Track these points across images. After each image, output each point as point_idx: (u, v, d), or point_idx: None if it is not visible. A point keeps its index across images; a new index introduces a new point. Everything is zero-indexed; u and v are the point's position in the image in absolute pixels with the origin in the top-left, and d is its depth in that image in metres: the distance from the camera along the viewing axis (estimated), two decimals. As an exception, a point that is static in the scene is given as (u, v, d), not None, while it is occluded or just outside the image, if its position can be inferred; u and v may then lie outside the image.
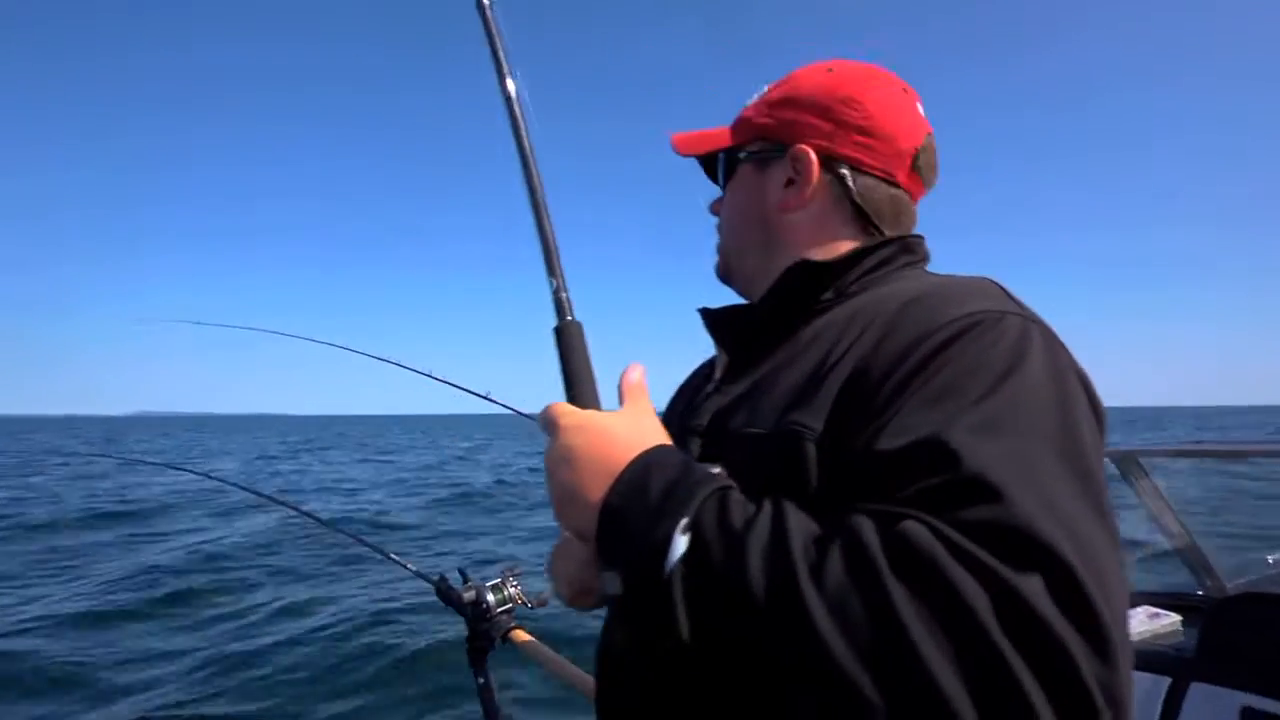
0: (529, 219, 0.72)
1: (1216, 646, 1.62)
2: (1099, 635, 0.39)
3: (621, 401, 0.63)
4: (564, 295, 0.68)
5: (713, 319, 0.79)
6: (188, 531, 9.86)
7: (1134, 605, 1.98)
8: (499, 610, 1.34)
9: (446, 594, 1.44)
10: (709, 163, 0.84)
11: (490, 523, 11.06)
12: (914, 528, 0.43)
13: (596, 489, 0.56)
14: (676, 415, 0.79)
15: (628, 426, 0.60)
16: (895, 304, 0.61)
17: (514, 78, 0.74)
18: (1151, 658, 1.72)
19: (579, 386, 0.66)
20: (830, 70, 0.75)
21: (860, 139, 0.72)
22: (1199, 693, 1.59)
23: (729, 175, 0.81)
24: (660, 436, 0.60)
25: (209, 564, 7.62)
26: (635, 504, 0.53)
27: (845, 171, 0.72)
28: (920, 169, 0.74)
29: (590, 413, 0.62)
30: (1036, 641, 0.39)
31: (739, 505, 0.50)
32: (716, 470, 0.56)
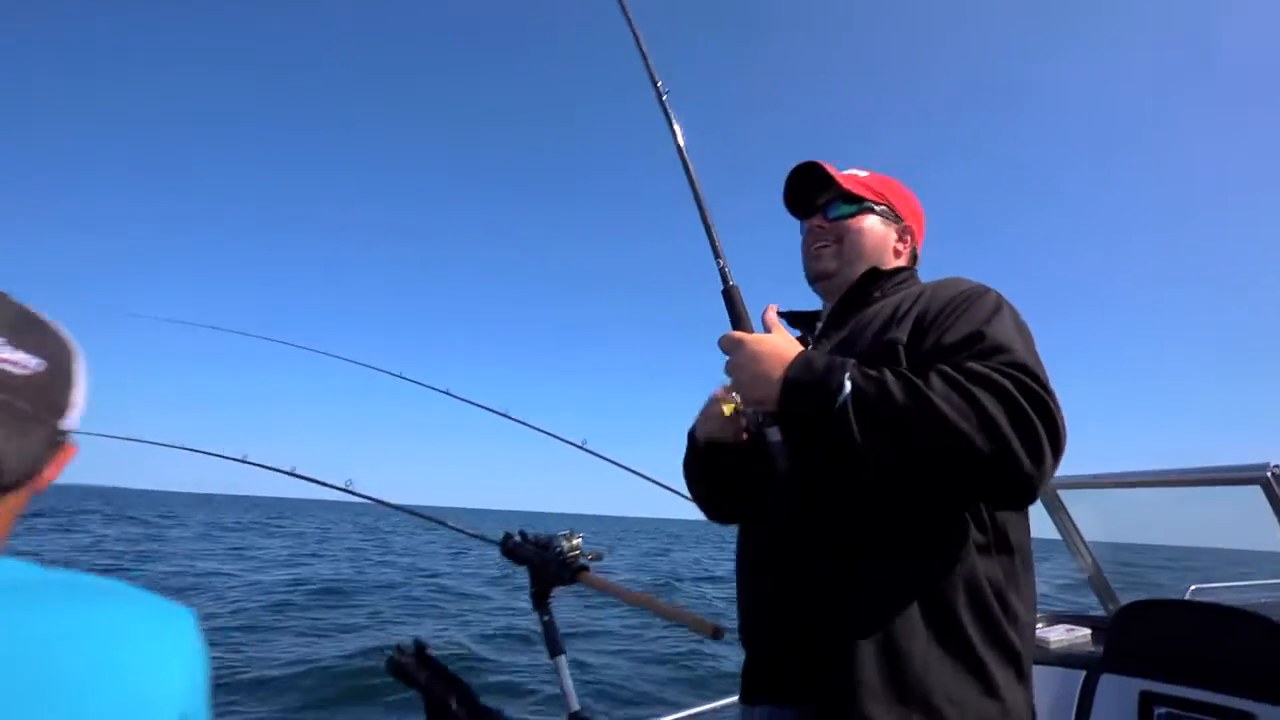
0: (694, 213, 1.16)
1: (1118, 646, 2.02)
2: (1052, 399, 0.86)
3: (767, 330, 1.04)
4: (726, 270, 1.10)
5: (794, 317, 1.31)
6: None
7: (1053, 624, 2.38)
8: (570, 554, 1.58)
9: (512, 549, 1.66)
10: (816, 192, 1.29)
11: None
12: (972, 364, 0.89)
13: (776, 371, 0.94)
14: None
15: (783, 339, 1.01)
16: (928, 287, 1.11)
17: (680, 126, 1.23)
18: (1070, 658, 2.10)
19: (743, 323, 1.08)
20: (901, 185, 1.32)
21: (915, 226, 1.31)
22: (1107, 682, 1.97)
23: (857, 213, 1.25)
24: (801, 346, 1.00)
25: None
26: (806, 374, 0.92)
27: (914, 246, 1.32)
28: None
29: (758, 333, 1.03)
30: (1028, 398, 0.84)
31: (869, 369, 0.91)
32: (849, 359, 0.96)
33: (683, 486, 1.38)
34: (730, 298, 1.08)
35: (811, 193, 1.29)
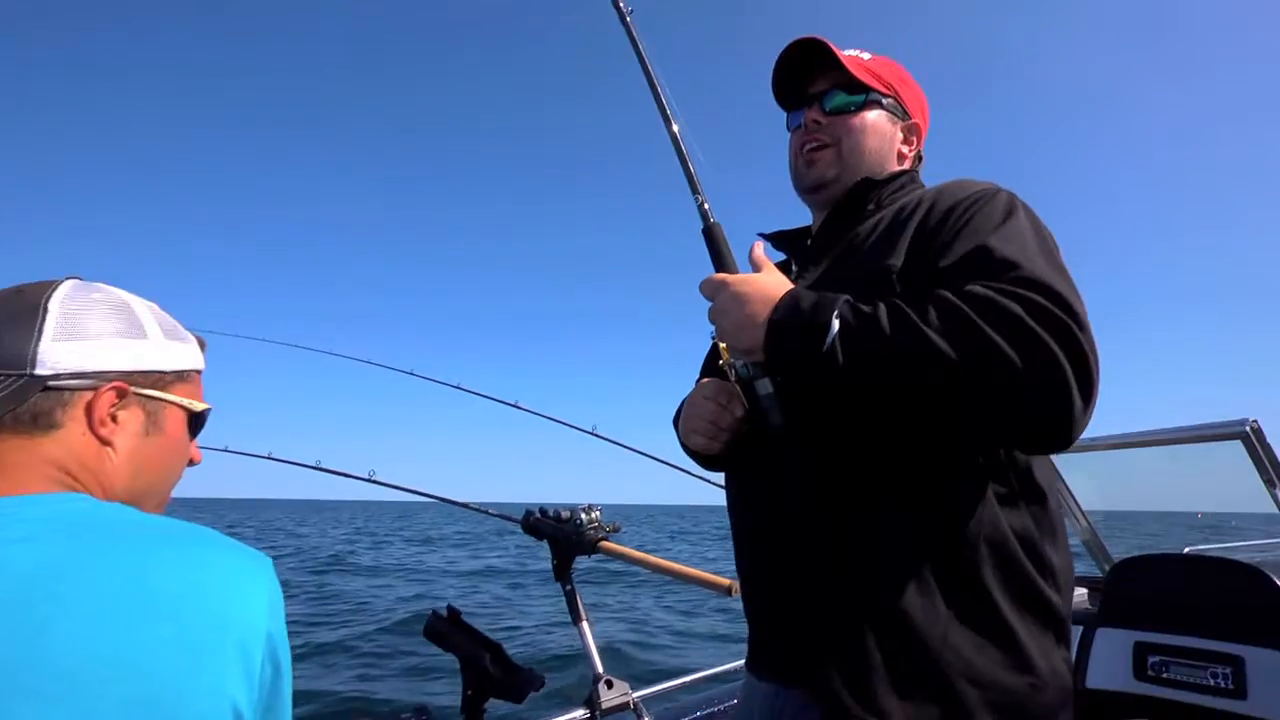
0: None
1: (1112, 600, 2.11)
2: (1077, 322, 0.71)
3: (755, 269, 0.92)
4: (706, 206, 0.99)
5: (779, 238, 1.13)
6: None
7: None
8: (590, 526, 1.68)
9: (534, 526, 1.75)
10: (809, 79, 1.07)
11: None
12: (973, 286, 0.75)
13: (762, 314, 0.82)
14: None
15: (770, 278, 0.88)
16: (929, 193, 0.95)
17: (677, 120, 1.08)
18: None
19: (725, 262, 0.96)
20: (909, 74, 1.13)
21: (922, 125, 1.12)
22: (1102, 635, 2.06)
23: (863, 105, 1.05)
24: (789, 284, 0.87)
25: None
26: (793, 316, 0.80)
27: (915, 139, 1.11)
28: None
29: (742, 274, 0.91)
30: (1044, 321, 0.70)
31: (862, 304, 0.78)
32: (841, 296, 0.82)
33: (691, 465, 1.24)
34: (711, 236, 0.97)
35: (805, 78, 1.08)
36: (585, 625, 1.66)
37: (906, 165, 1.10)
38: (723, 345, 0.93)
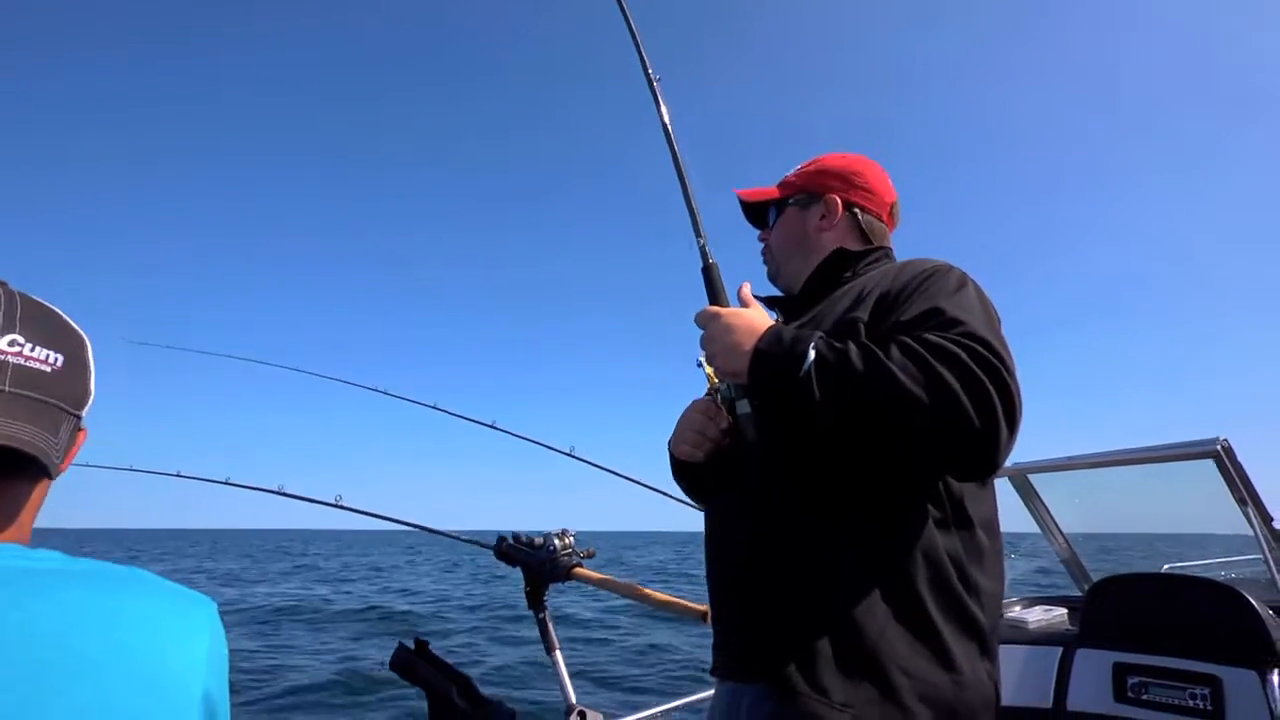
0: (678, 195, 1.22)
1: (1091, 621, 2.11)
2: (1006, 369, 0.88)
3: (743, 304, 1.10)
4: (706, 248, 1.16)
5: (770, 301, 1.32)
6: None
7: (1031, 606, 2.47)
8: (563, 552, 1.63)
9: (506, 552, 1.71)
10: (758, 210, 1.36)
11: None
12: (929, 335, 0.91)
13: (748, 343, 0.98)
14: None
15: (757, 313, 1.05)
16: (894, 267, 1.13)
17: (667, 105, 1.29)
18: (1047, 636, 2.19)
19: (719, 297, 1.13)
20: (843, 156, 1.32)
21: (864, 193, 1.28)
22: (1082, 656, 2.06)
23: (779, 214, 1.31)
24: (772, 321, 1.03)
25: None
26: (775, 346, 0.96)
27: (856, 210, 1.27)
28: (894, 214, 1.31)
29: (733, 308, 1.07)
30: (981, 365, 0.87)
31: (835, 341, 0.94)
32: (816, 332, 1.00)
33: (671, 488, 1.39)
34: (709, 275, 1.13)
35: (755, 216, 1.38)
36: (558, 655, 1.61)
37: (831, 233, 1.26)
38: (710, 370, 1.09)
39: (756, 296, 1.27)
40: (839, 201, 1.27)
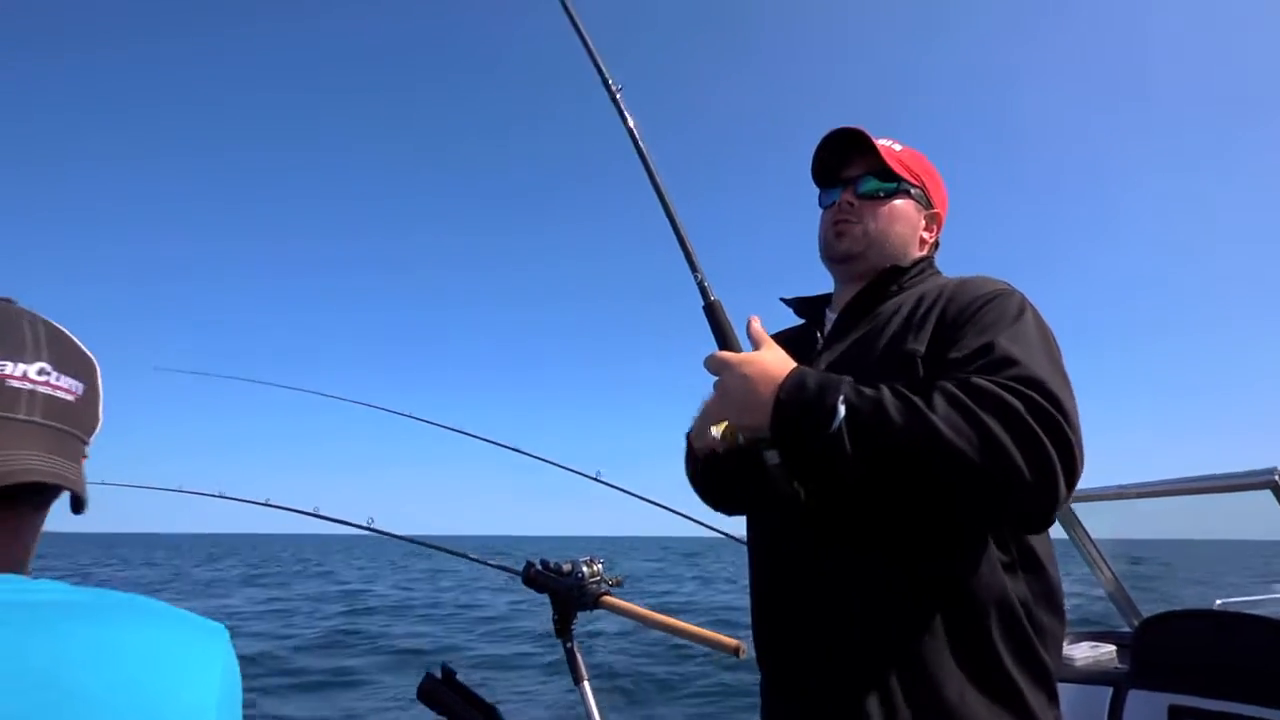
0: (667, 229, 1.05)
1: (1143, 660, 2.00)
2: (1066, 420, 0.80)
3: (755, 344, 0.95)
4: (706, 284, 1.01)
5: (799, 305, 1.24)
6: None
7: (1078, 641, 2.36)
8: (591, 580, 1.61)
9: (534, 579, 1.69)
10: (850, 159, 1.15)
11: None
12: (978, 379, 0.82)
13: (767, 394, 0.87)
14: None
15: (772, 355, 0.92)
16: (949, 286, 1.03)
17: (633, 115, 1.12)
18: (1096, 675, 2.08)
19: (729, 340, 0.98)
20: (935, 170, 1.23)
21: (942, 216, 1.21)
22: (1134, 697, 1.95)
23: (894, 193, 1.14)
24: (792, 363, 0.92)
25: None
26: (798, 396, 0.85)
27: (935, 228, 1.20)
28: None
29: (746, 353, 0.94)
30: (1039, 418, 0.78)
31: (865, 388, 0.84)
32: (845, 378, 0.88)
33: (698, 509, 1.29)
34: (713, 314, 0.99)
35: (841, 161, 1.16)
36: (586, 685, 1.58)
37: (925, 251, 1.18)
38: (718, 432, 0.99)
39: (786, 301, 1.24)
40: (941, 220, 1.21)
